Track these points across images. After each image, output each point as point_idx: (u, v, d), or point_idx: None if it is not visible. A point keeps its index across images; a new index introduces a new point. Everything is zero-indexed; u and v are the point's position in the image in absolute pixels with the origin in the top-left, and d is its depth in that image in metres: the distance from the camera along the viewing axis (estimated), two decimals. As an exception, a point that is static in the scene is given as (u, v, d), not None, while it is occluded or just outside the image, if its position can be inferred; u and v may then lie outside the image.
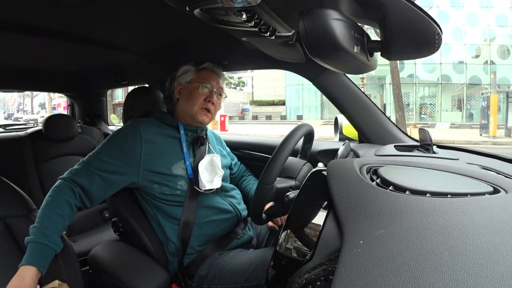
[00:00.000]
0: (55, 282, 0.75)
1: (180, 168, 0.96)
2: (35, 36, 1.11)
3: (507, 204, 0.42)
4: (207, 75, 1.04)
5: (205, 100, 1.01)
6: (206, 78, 1.03)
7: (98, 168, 0.89)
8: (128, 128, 0.96)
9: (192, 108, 1.00)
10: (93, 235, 1.56)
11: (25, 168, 1.62)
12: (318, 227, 0.50)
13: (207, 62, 1.06)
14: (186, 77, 1.04)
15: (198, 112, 1.00)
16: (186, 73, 1.05)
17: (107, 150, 0.93)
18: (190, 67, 1.05)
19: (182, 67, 1.06)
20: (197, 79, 1.03)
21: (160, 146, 0.95)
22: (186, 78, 1.04)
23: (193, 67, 1.05)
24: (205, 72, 1.04)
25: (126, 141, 0.93)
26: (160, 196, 0.94)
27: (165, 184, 0.94)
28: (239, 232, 1.01)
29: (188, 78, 1.04)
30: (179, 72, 1.06)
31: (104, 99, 2.41)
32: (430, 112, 18.28)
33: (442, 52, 16.22)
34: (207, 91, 1.02)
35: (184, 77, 1.04)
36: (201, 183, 0.97)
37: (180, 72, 1.06)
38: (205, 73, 1.04)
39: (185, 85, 1.04)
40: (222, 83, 1.08)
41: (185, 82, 1.04)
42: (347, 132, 1.31)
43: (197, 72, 1.04)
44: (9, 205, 0.84)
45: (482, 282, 0.27)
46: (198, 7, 0.67)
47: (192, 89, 1.02)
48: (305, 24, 0.44)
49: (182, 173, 0.96)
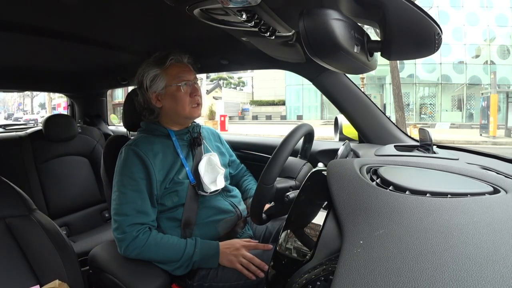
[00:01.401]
0: (55, 282, 0.75)
1: (182, 174, 0.96)
2: (35, 36, 1.11)
3: (507, 204, 0.42)
4: (178, 70, 0.95)
5: (191, 96, 0.96)
6: (179, 75, 0.95)
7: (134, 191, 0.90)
8: (129, 157, 0.92)
9: (183, 111, 0.96)
10: (93, 235, 1.56)
11: (25, 168, 1.62)
12: (318, 227, 0.50)
13: (169, 55, 0.95)
14: (158, 84, 0.95)
15: (190, 111, 0.97)
16: (155, 80, 0.95)
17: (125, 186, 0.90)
18: (155, 71, 0.95)
19: (146, 74, 0.95)
20: (172, 81, 0.95)
21: (161, 158, 0.94)
22: (159, 85, 0.95)
23: (158, 68, 0.95)
24: (174, 68, 0.95)
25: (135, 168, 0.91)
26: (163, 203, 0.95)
27: (175, 190, 0.94)
28: (238, 231, 1.01)
29: (161, 84, 0.95)
30: (145, 81, 0.95)
31: (104, 99, 2.41)
32: (430, 112, 18.27)
33: (442, 52, 16.21)
34: (187, 88, 0.96)
35: (155, 85, 0.95)
36: (205, 186, 0.97)
37: (147, 81, 0.95)
38: (175, 69, 0.95)
39: (161, 92, 0.96)
40: (192, 70, 0.99)
41: (160, 89, 0.95)
42: (347, 132, 1.31)
43: (166, 73, 0.95)
44: (9, 205, 0.84)
45: (482, 282, 0.27)
46: (198, 7, 0.67)
47: (172, 93, 0.95)
48: (305, 24, 0.44)
49: (185, 179, 0.96)
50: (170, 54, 0.96)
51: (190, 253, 0.87)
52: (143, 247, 0.86)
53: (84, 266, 0.97)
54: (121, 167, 0.92)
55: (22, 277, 0.77)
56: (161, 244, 0.87)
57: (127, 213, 0.87)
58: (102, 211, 1.82)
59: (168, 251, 0.87)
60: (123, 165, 0.92)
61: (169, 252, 0.87)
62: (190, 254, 0.87)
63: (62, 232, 0.90)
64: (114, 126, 2.43)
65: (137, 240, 0.86)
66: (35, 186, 1.63)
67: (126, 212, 0.88)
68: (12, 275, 0.70)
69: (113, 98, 16.28)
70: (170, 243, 0.88)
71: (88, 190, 1.81)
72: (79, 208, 1.76)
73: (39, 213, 0.89)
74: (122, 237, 0.87)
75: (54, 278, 0.76)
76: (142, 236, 0.86)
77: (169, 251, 0.87)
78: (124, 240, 0.86)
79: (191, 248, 0.88)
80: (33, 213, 0.86)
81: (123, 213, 0.88)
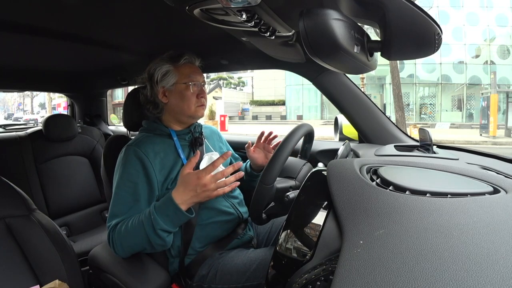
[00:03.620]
0: (55, 282, 0.75)
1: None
2: (35, 36, 1.11)
3: (507, 204, 0.42)
4: (190, 70, 0.97)
5: (197, 97, 0.97)
6: (190, 75, 0.96)
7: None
8: (128, 157, 0.91)
9: (189, 110, 0.97)
10: (93, 235, 1.56)
11: (25, 168, 1.63)
12: (318, 227, 0.50)
13: (183, 55, 0.97)
14: (169, 79, 0.96)
15: (195, 111, 0.98)
16: (167, 75, 0.96)
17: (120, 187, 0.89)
18: (168, 67, 0.96)
19: (158, 68, 0.96)
20: (183, 80, 0.96)
21: (162, 158, 0.94)
22: (169, 81, 0.96)
23: (171, 65, 0.96)
24: (186, 68, 0.97)
25: (133, 169, 0.90)
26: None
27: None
28: (239, 232, 1.01)
29: (171, 80, 0.96)
30: (157, 75, 0.96)
31: (104, 99, 2.41)
32: (430, 112, 18.26)
33: (442, 52, 16.21)
34: (197, 89, 0.97)
35: (166, 80, 0.96)
36: None
37: (159, 75, 0.96)
38: (187, 68, 0.97)
39: (170, 88, 0.96)
40: (201, 73, 1.01)
41: (170, 85, 0.96)
42: (347, 132, 1.31)
43: (178, 70, 0.96)
44: (9, 205, 0.84)
45: (482, 282, 0.27)
46: (198, 7, 0.67)
47: (181, 91, 0.96)
48: (305, 24, 0.44)
49: None
50: (185, 54, 0.98)
51: (150, 225, 0.80)
52: (121, 238, 0.84)
53: (84, 266, 0.97)
54: (120, 167, 0.92)
55: (22, 277, 0.77)
56: (128, 228, 0.83)
57: (118, 215, 0.87)
58: (102, 211, 1.82)
59: (135, 232, 0.82)
60: (122, 166, 0.92)
61: (136, 232, 0.82)
62: (151, 225, 0.80)
63: (62, 232, 0.91)
64: (114, 126, 2.43)
65: (115, 233, 0.85)
66: (35, 186, 1.63)
67: (118, 213, 0.87)
68: (12, 275, 0.70)
69: (113, 98, 16.30)
70: (134, 223, 0.83)
71: (88, 190, 1.81)
72: (79, 208, 1.76)
73: (39, 213, 0.89)
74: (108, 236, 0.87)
75: (54, 278, 0.77)
76: (118, 229, 0.85)
77: (136, 231, 0.82)
78: (110, 240, 0.86)
79: (148, 222, 0.81)
80: (33, 213, 0.86)
81: (114, 214, 0.88)
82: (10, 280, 0.73)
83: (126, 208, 0.88)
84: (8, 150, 1.63)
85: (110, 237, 0.87)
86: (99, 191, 1.84)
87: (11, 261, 0.76)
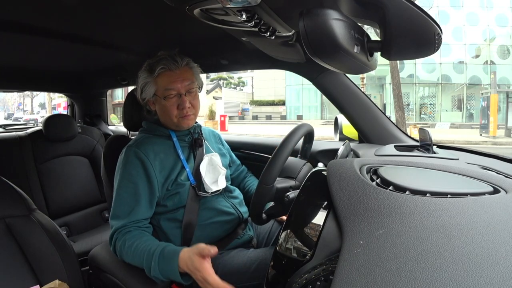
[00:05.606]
0: (55, 282, 0.76)
1: (183, 175, 0.96)
2: (35, 36, 1.11)
3: (507, 204, 0.42)
4: (168, 80, 0.92)
5: (178, 108, 0.93)
6: (167, 86, 0.92)
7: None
8: (129, 158, 0.91)
9: (171, 120, 0.95)
10: (93, 235, 1.56)
11: (25, 168, 1.63)
12: (318, 227, 0.50)
13: (159, 63, 0.91)
14: (149, 91, 0.94)
15: (179, 121, 0.96)
16: (146, 87, 0.94)
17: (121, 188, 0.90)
18: (146, 78, 0.94)
19: (139, 80, 0.95)
20: (159, 92, 0.93)
21: (162, 159, 0.94)
22: (149, 92, 0.94)
23: (149, 76, 0.93)
24: (164, 78, 0.92)
25: (134, 170, 0.90)
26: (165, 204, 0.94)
27: (177, 192, 0.94)
28: (239, 232, 1.01)
29: (151, 92, 0.94)
30: (139, 88, 0.96)
31: (104, 99, 2.41)
32: (430, 112, 18.27)
33: (442, 52, 16.21)
34: (175, 99, 0.93)
35: (146, 92, 0.95)
36: (206, 186, 0.96)
37: (139, 87, 0.95)
38: (164, 78, 0.92)
39: (153, 99, 0.96)
40: (188, 76, 0.94)
41: (151, 97, 0.95)
42: (347, 132, 1.31)
43: (156, 82, 0.93)
44: (9, 205, 0.84)
45: (482, 282, 0.27)
46: (198, 7, 0.67)
47: (160, 103, 0.94)
48: (305, 24, 0.44)
49: (186, 180, 0.96)
50: (161, 62, 0.92)
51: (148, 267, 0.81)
52: (123, 252, 0.85)
53: (84, 266, 0.97)
54: (120, 168, 0.92)
55: (22, 277, 0.77)
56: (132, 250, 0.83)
57: (119, 216, 0.88)
58: (102, 211, 1.82)
59: (136, 257, 0.83)
60: (123, 166, 0.92)
61: (136, 259, 0.83)
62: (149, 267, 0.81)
63: (62, 232, 0.91)
64: (114, 126, 2.43)
65: (120, 243, 0.86)
66: (35, 186, 1.63)
67: (119, 214, 0.88)
68: (12, 275, 0.70)
69: (113, 98, 16.29)
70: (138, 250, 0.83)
71: (88, 190, 1.81)
72: (79, 208, 1.76)
73: (39, 213, 0.89)
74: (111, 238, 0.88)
75: (54, 278, 0.77)
76: (123, 241, 0.85)
77: (136, 258, 0.83)
78: (111, 242, 0.87)
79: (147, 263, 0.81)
80: (33, 213, 0.86)
81: (116, 215, 0.88)
82: (10, 280, 0.73)
83: (127, 208, 0.88)
84: (8, 150, 1.63)
85: (113, 240, 0.87)
86: (99, 191, 1.84)
87: (11, 261, 0.76)
